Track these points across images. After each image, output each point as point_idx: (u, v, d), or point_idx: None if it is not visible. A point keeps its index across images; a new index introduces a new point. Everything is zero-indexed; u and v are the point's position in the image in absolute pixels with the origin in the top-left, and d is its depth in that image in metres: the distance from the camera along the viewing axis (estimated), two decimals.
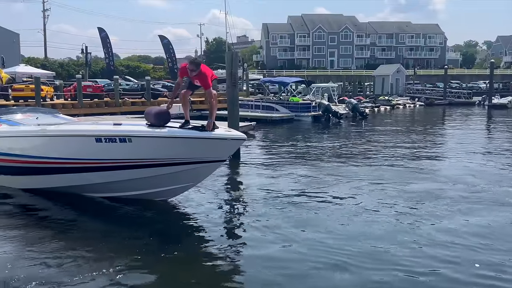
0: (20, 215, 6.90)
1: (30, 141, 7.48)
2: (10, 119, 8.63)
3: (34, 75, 24.52)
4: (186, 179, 6.74)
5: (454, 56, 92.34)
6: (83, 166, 6.87)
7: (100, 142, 6.45)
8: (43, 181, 7.52)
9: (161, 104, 25.72)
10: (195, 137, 6.12)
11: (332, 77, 59.91)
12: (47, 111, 10.25)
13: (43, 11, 60.60)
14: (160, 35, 45.45)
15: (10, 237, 5.93)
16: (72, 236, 6.00)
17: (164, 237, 5.91)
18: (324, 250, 5.34)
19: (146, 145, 6.32)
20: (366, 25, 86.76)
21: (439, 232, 5.98)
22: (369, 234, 5.86)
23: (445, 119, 29.23)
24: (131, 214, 6.83)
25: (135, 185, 6.82)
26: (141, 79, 38.33)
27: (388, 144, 15.24)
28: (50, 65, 54.31)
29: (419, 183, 8.96)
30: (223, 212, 7.21)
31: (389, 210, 6.98)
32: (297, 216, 6.64)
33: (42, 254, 5.31)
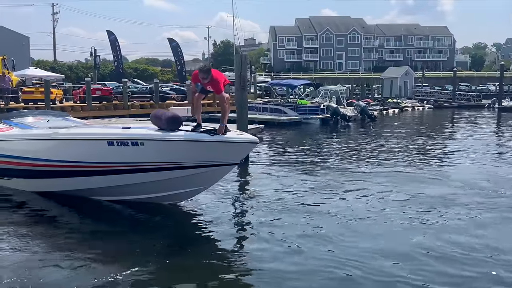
0: (30, 217, 6.93)
1: (43, 144, 7.50)
2: (21, 122, 8.69)
3: (44, 78, 24.72)
4: (198, 183, 6.72)
5: (463, 58, 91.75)
6: (95, 170, 6.87)
7: (112, 146, 6.46)
8: (55, 184, 7.53)
9: (169, 106, 25.82)
10: (207, 141, 6.09)
11: (340, 79, 59.78)
12: (58, 114, 10.30)
13: (53, 14, 61.19)
14: (169, 38, 45.63)
15: (20, 238, 5.95)
16: (81, 238, 5.99)
17: (172, 242, 5.88)
18: (332, 260, 5.20)
19: (158, 148, 6.30)
20: (374, 27, 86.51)
21: (452, 243, 5.74)
22: (378, 244, 5.69)
23: (454, 122, 28.99)
24: (141, 217, 6.82)
25: (146, 188, 6.82)
26: (149, 82, 38.49)
27: (398, 148, 15.12)
28: (59, 68, 54.76)
29: (431, 187, 8.83)
30: (232, 216, 7.16)
31: (400, 218, 6.79)
32: (306, 223, 6.52)
33: (50, 255, 5.33)
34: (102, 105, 24.18)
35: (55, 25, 61.47)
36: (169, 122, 6.33)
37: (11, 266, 5.04)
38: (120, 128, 7.02)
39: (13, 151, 7.81)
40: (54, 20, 61.22)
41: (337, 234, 6.07)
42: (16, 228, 6.41)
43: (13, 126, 8.44)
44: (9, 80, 21.17)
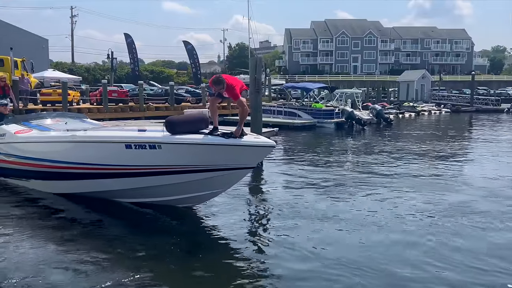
0: (48, 218, 7.00)
1: (61, 146, 7.58)
2: (40, 124, 8.80)
3: (62, 80, 25.10)
4: (214, 186, 6.73)
5: (481, 61, 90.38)
6: (112, 172, 6.94)
7: (130, 149, 6.52)
8: (73, 186, 7.61)
9: (184, 109, 25.95)
10: (224, 144, 6.09)
11: (355, 82, 59.45)
12: (75, 115, 10.40)
13: (71, 17, 62.29)
14: (184, 41, 45.93)
15: (37, 238, 6.04)
16: (96, 240, 6.02)
17: (185, 245, 5.87)
18: (347, 267, 5.12)
19: (176, 151, 6.34)
20: (390, 30, 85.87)
21: (472, 254, 5.56)
22: (393, 254, 5.57)
23: (472, 126, 28.53)
24: (155, 220, 6.86)
25: (163, 191, 6.86)
26: (165, 84, 38.79)
27: (414, 152, 14.93)
28: (77, 69, 55.61)
29: (448, 193, 8.66)
30: (245, 219, 7.14)
31: (416, 226, 6.63)
32: (320, 228, 6.46)
33: (65, 256, 5.37)
34: (118, 107, 24.41)
35: (73, 28, 62.63)
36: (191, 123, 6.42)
37: (22, 266, 5.10)
38: (139, 131, 7.06)
39: (31, 153, 7.91)
40: (73, 22, 62.39)
41: (351, 239, 6.00)
42: (29, 228, 6.50)
43: (32, 128, 8.55)
44: (28, 82, 21.53)
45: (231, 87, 6.22)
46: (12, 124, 8.93)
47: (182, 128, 6.32)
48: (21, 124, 8.85)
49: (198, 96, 29.66)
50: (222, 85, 6.17)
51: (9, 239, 6.02)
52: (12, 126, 8.78)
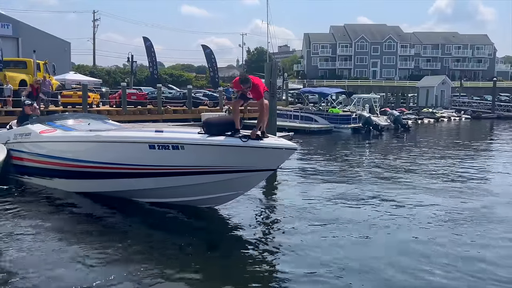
0: (66, 215, 7.23)
1: (85, 146, 7.75)
2: (64, 124, 9.02)
3: (82, 82, 25.59)
4: (235, 187, 6.82)
5: (504, 68, 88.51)
6: (136, 172, 7.07)
7: (154, 149, 6.64)
8: (96, 185, 7.75)
9: (201, 112, 26.17)
10: (246, 146, 6.15)
11: (374, 87, 58.88)
12: (97, 117, 10.61)
13: (93, 21, 63.38)
14: (203, 45, 46.25)
15: (59, 235, 6.23)
16: (117, 238, 6.15)
17: (201, 245, 5.96)
18: (362, 273, 5.13)
19: (198, 152, 6.42)
20: (410, 35, 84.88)
21: (496, 266, 5.44)
22: (408, 264, 5.46)
23: (494, 133, 27.99)
24: (170, 219, 6.97)
25: (185, 191, 6.96)
26: (184, 88, 39.16)
27: (432, 160, 14.74)
28: (98, 72, 56.55)
29: (467, 201, 8.53)
30: (260, 222, 7.20)
31: (433, 235, 6.46)
32: (335, 236, 6.39)
33: (79, 252, 5.54)
34: (136, 109, 24.77)
35: (95, 31, 63.73)
36: (217, 125, 6.52)
37: (39, 263, 5.27)
38: (163, 132, 7.15)
39: (56, 152, 8.09)
40: (95, 26, 63.47)
41: (367, 246, 5.98)
42: (49, 224, 6.71)
43: (56, 128, 8.75)
44: (49, 84, 22.02)
45: (256, 87, 6.32)
46: (37, 124, 9.16)
47: (218, 130, 6.41)
48: (46, 124, 9.06)
49: (216, 99, 29.89)
50: (249, 83, 6.27)
51: (34, 233, 6.28)
52: (37, 126, 9.01)
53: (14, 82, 20.17)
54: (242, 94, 6.52)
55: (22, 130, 9.26)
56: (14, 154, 9.17)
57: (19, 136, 9.20)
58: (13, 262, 5.27)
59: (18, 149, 9.08)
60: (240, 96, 6.57)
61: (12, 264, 5.21)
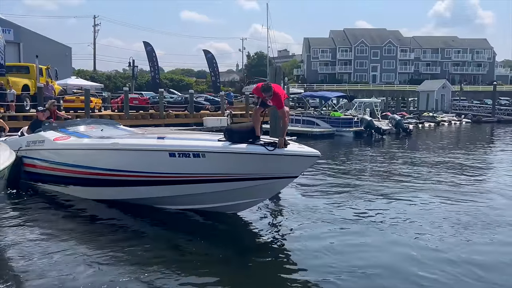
0: (91, 223, 7.18)
1: (103, 154, 7.64)
2: (77, 131, 8.92)
3: (84, 87, 25.63)
4: (257, 194, 6.78)
5: (503, 71, 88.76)
6: (155, 180, 7.01)
7: (174, 157, 6.60)
8: (114, 193, 7.69)
9: (203, 117, 26.20)
10: (267, 154, 6.09)
11: (374, 92, 59.06)
12: (109, 122, 10.45)
13: (94, 26, 63.59)
14: (204, 50, 46.46)
15: (79, 241, 6.23)
16: (138, 244, 6.12)
17: (219, 250, 5.94)
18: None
19: (219, 160, 6.39)
20: (410, 39, 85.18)
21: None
22: (408, 264, 5.52)
23: (494, 137, 28.03)
24: (186, 221, 7.02)
25: (206, 198, 6.92)
26: (184, 92, 39.22)
27: (435, 163, 14.73)
28: (99, 77, 56.62)
29: (469, 205, 8.56)
30: (265, 227, 7.19)
31: (437, 242, 6.37)
32: (340, 242, 6.33)
33: (95, 256, 5.55)
34: (139, 114, 24.80)
35: (96, 36, 63.92)
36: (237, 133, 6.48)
37: (53, 266, 5.27)
38: (185, 140, 7.04)
39: (71, 160, 8.02)
40: (95, 31, 63.67)
41: (368, 257, 5.95)
42: (67, 229, 6.70)
43: (70, 135, 8.64)
44: (52, 89, 22.04)
45: (278, 96, 6.28)
46: (50, 131, 9.06)
47: (240, 137, 6.36)
48: (59, 131, 8.96)
49: (217, 104, 29.93)
50: (271, 92, 6.24)
51: (48, 239, 6.25)
52: (50, 133, 8.92)
53: (17, 87, 20.18)
54: (263, 101, 6.48)
55: (35, 137, 9.15)
56: (27, 161, 9.08)
57: (32, 143, 9.10)
58: (24, 264, 5.29)
59: (31, 156, 9.00)
60: (261, 103, 6.53)
61: (22, 266, 5.24)
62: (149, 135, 8.53)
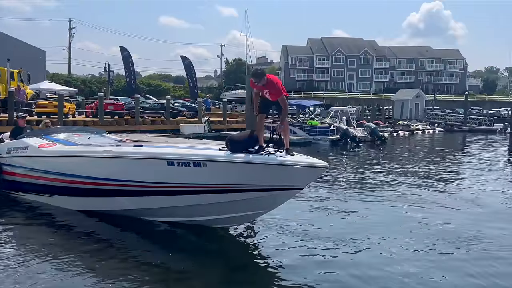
0: (83, 238, 6.75)
1: (94, 162, 7.21)
2: (63, 138, 8.54)
3: (58, 92, 25.13)
4: (260, 206, 6.45)
5: (474, 82, 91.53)
6: (150, 190, 6.63)
7: (173, 166, 6.25)
8: (105, 203, 7.30)
9: (180, 123, 25.96)
10: (274, 164, 5.83)
11: (350, 100, 59.92)
12: (95, 130, 10.06)
13: (69, 29, 62.51)
14: (182, 56, 46.29)
15: (72, 257, 5.89)
16: (133, 260, 5.90)
17: (219, 265, 5.82)
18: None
19: (222, 170, 6.08)
20: (385, 49, 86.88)
21: None
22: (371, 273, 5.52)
23: (466, 146, 28.72)
24: (181, 236, 6.74)
25: (205, 210, 6.56)
26: (161, 98, 38.87)
27: (408, 170, 14.96)
28: (74, 81, 55.71)
29: (440, 212, 8.71)
30: (253, 240, 7.08)
31: (413, 252, 6.42)
32: (315, 254, 6.29)
33: (97, 275, 5.32)
34: (113, 120, 24.42)
35: (71, 40, 62.83)
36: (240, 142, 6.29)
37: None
38: (185, 148, 6.78)
39: (59, 168, 7.56)
40: (70, 35, 62.57)
41: (345, 267, 5.99)
42: (64, 247, 6.35)
43: (56, 142, 8.25)
44: (23, 93, 21.55)
45: (273, 83, 6.02)
46: (34, 137, 8.64)
47: (242, 146, 6.12)
48: (43, 138, 8.54)
49: (194, 110, 29.75)
50: (261, 78, 5.93)
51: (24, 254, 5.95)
52: (34, 140, 8.49)
53: None
54: (264, 105, 6.23)
55: (17, 144, 8.66)
56: (7, 169, 8.62)
57: (13, 150, 8.62)
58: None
59: (12, 164, 8.53)
60: (262, 109, 6.24)
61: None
62: (139, 144, 8.14)
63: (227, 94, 57.40)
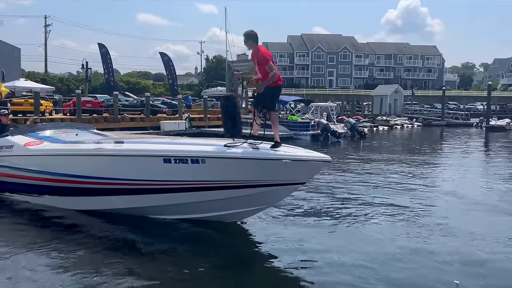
0: (82, 236, 6.51)
1: (87, 160, 6.97)
2: (49, 135, 8.23)
3: (34, 90, 24.59)
4: (262, 202, 6.36)
5: (451, 77, 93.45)
6: (146, 188, 6.46)
7: (169, 163, 6.09)
8: (100, 203, 7.10)
9: (160, 120, 25.73)
10: (275, 159, 5.74)
11: (330, 96, 60.27)
12: (82, 127, 9.69)
13: (45, 26, 61.19)
14: (161, 53, 45.75)
15: (74, 256, 5.74)
16: (136, 258, 5.73)
17: (222, 261, 5.69)
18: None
19: (221, 166, 5.94)
20: (364, 45, 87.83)
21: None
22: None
23: (444, 140, 29.27)
24: (191, 233, 6.56)
25: (206, 207, 6.43)
26: (141, 95, 38.45)
27: (389, 166, 15.17)
28: (50, 79, 54.53)
29: (420, 202, 8.88)
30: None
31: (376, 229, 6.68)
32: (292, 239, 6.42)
33: (99, 272, 5.20)
34: (92, 118, 24.05)
35: (47, 37, 61.54)
36: None
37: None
38: (183, 144, 6.58)
39: (49, 167, 7.28)
40: (46, 32, 61.29)
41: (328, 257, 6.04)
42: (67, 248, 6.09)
43: (42, 140, 7.92)
44: None
45: (262, 57, 6.19)
46: (18, 135, 8.28)
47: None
48: (28, 135, 8.18)
49: (175, 107, 29.52)
50: (248, 39, 6.24)
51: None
52: (19, 138, 8.15)
53: None
54: (256, 100, 6.29)
55: (1, 143, 8.25)
56: None
57: None
58: None
59: None
60: (255, 103, 6.34)
61: None
62: (131, 140, 7.85)
63: (208, 91, 57.05)
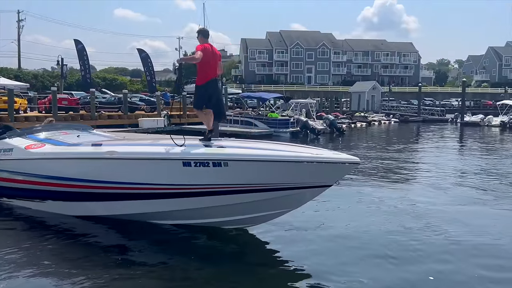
0: (84, 243, 6.36)
1: (99, 164, 6.62)
2: (49, 137, 7.75)
3: (7, 87, 23.96)
4: (286, 205, 6.13)
5: (427, 74, 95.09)
6: (162, 192, 6.22)
7: (189, 166, 5.83)
8: (110, 208, 6.80)
9: (138, 117, 25.43)
10: (305, 161, 5.55)
11: (309, 93, 60.74)
12: (81, 127, 9.20)
13: (18, 21, 59.68)
14: (139, 49, 45.15)
15: (77, 264, 5.57)
16: (131, 263, 5.61)
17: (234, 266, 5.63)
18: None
19: (246, 169, 5.70)
20: (342, 42, 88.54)
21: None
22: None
23: (420, 136, 29.85)
24: (190, 236, 6.48)
25: (227, 210, 6.18)
26: (118, 92, 37.89)
27: (367, 161, 15.40)
28: (24, 76, 53.17)
29: (400, 203, 9.05)
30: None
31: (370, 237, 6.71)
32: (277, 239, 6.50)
33: (97, 277, 5.13)
34: (68, 115, 23.61)
35: (20, 32, 60.01)
36: None
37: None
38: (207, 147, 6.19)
39: (54, 171, 6.93)
40: (19, 27, 59.78)
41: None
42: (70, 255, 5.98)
43: (44, 142, 7.50)
44: None
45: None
46: (17, 137, 7.85)
47: None
48: (27, 138, 7.76)
49: (153, 104, 29.22)
50: (204, 34, 6.63)
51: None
52: (18, 140, 7.73)
53: None
54: (207, 102, 6.37)
55: None
56: None
57: None
58: None
59: None
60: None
61: None
62: (140, 141, 7.53)
63: (187, 87, 56.70)
